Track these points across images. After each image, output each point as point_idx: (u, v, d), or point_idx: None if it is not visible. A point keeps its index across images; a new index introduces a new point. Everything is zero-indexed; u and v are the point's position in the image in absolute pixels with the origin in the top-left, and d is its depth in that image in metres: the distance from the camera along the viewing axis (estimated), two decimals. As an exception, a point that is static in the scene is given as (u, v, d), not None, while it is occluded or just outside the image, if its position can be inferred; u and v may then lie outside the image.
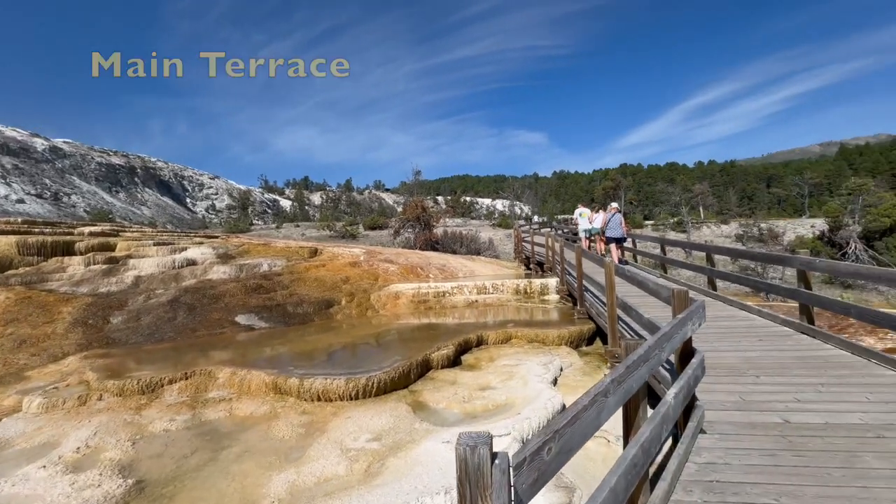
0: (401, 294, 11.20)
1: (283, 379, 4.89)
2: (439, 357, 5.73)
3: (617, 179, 35.72)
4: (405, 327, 8.64)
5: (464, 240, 24.09)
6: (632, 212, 40.56)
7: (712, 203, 40.11)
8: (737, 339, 4.93)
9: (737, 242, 25.72)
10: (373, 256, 16.63)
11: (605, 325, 5.88)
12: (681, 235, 26.92)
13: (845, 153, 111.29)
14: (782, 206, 68.67)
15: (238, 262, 13.56)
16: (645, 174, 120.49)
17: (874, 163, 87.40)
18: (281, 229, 40.29)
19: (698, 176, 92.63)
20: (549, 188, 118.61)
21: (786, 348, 4.55)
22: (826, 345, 4.52)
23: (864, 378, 3.71)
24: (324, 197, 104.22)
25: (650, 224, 33.50)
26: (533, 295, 11.18)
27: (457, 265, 16.67)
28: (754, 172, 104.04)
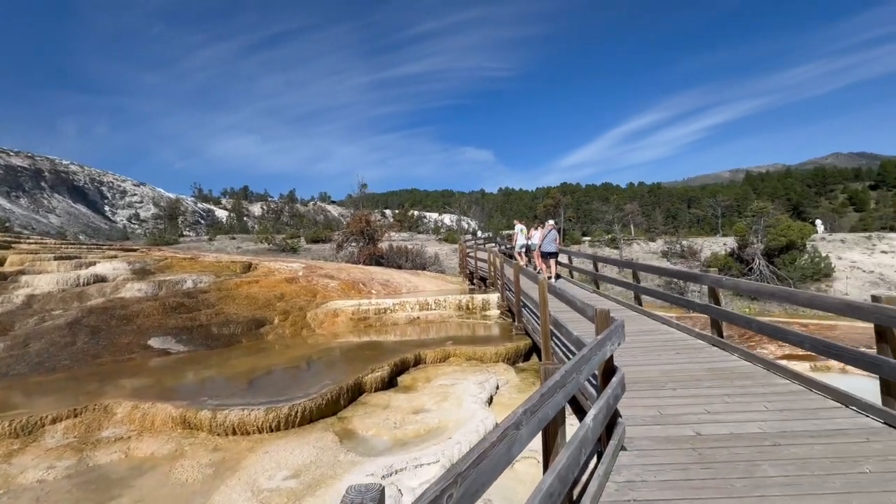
0: (340, 311, 10.74)
1: (193, 412, 4.37)
2: (373, 380, 5.47)
3: (557, 197, 37.53)
4: (342, 347, 8.24)
5: (409, 254, 23.88)
6: (571, 228, 42.74)
7: (641, 221, 43.43)
8: (658, 353, 5.20)
9: (663, 258, 27.92)
10: (312, 272, 15.93)
11: (541, 341, 5.97)
12: (614, 251, 28.72)
13: (750, 179, 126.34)
14: (700, 224, 76.01)
15: (157, 278, 12.32)
16: (583, 193, 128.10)
17: (773, 188, 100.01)
18: (214, 242, 37.55)
19: (630, 196, 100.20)
20: (495, 204, 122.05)
21: (699, 360, 4.86)
22: (732, 356, 4.89)
23: (764, 387, 4.02)
24: (265, 208, 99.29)
25: (588, 240, 35.46)
26: (475, 311, 11.23)
27: (401, 280, 16.42)
28: (677, 194, 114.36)
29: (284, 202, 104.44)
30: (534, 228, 14.27)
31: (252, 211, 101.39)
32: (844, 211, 79.38)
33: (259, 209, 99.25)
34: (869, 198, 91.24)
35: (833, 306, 3.60)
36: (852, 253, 24.36)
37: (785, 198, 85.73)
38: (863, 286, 20.44)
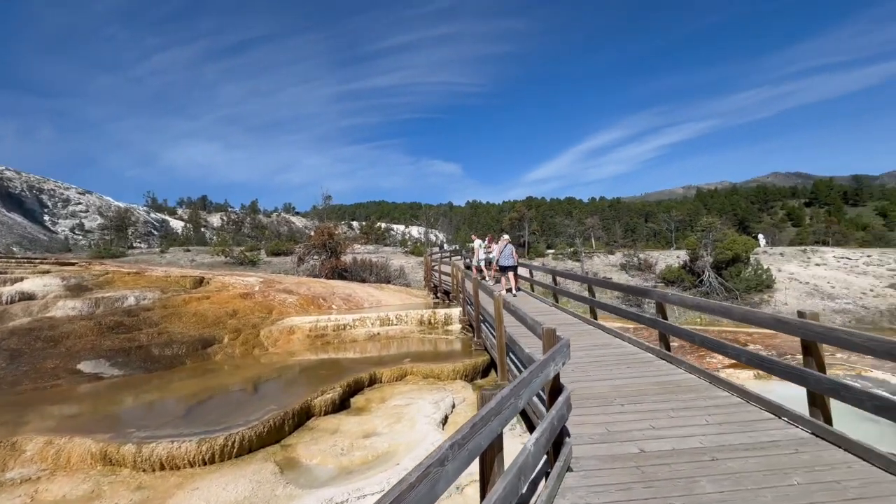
0: (296, 328, 10.31)
1: (115, 446, 3.97)
2: (323, 402, 5.22)
3: (522, 211, 38.32)
4: (296, 367, 7.87)
5: (374, 268, 23.51)
6: (536, 242, 43.65)
7: (602, 235, 45.06)
8: (610, 368, 5.28)
9: (621, 271, 28.97)
10: (270, 286, 15.31)
11: (497, 358, 5.93)
12: (576, 264, 29.52)
13: (701, 196, 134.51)
14: (657, 238, 79.91)
15: (95, 294, 11.41)
16: (548, 206, 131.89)
17: (721, 204, 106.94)
18: (166, 254, 35.51)
19: (591, 210, 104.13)
20: (463, 217, 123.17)
21: (648, 374, 4.96)
22: (679, 369, 5.03)
23: (705, 400, 4.14)
24: (224, 219, 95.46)
25: (552, 253, 36.30)
26: (437, 325, 11.10)
27: (363, 295, 16.08)
28: (635, 209, 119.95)
29: (246, 213, 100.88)
30: (491, 242, 14.55)
31: (211, 222, 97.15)
32: (783, 226, 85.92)
33: (218, 220, 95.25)
34: (804, 214, 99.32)
35: (764, 321, 3.77)
36: (790, 265, 26.23)
37: (732, 213, 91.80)
38: (800, 296, 21.99)
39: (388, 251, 41.09)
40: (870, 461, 2.93)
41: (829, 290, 22.35)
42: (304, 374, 7.07)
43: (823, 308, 20.76)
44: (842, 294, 21.90)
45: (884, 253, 28.54)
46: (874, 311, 19.91)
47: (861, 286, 22.54)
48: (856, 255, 27.84)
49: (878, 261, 26.21)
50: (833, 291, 22.23)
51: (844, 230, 57.64)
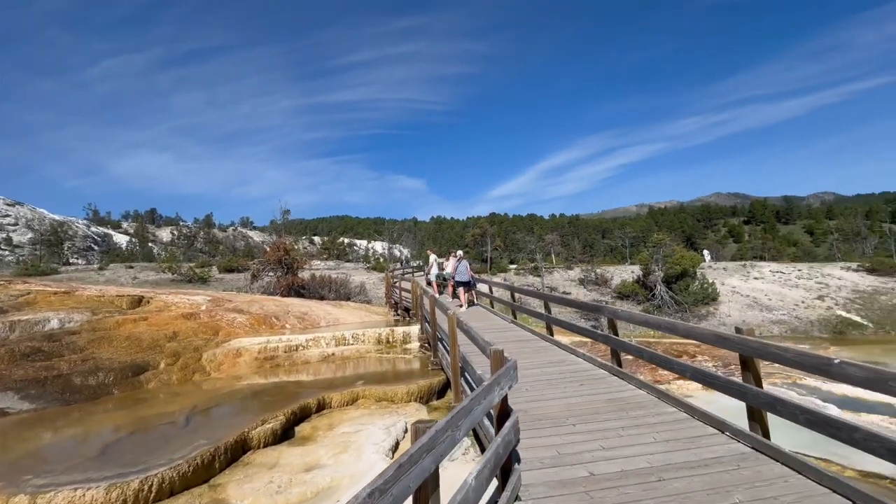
0: (243, 350, 9.67)
1: (2, 499, 3.41)
2: (262, 433, 4.81)
3: (484, 227, 38.83)
4: (239, 393, 7.31)
5: (333, 284, 22.81)
6: (499, 257, 44.21)
7: (561, 251, 46.40)
8: (563, 386, 5.24)
9: (580, 285, 29.82)
10: (219, 305, 14.42)
11: (452, 378, 5.77)
12: (537, 279, 30.08)
13: (652, 214, 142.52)
14: (613, 254, 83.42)
15: (10, 317, 10.23)
16: (510, 223, 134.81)
17: (671, 222, 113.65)
18: (105, 271, 32.91)
19: (551, 226, 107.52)
20: (427, 232, 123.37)
21: (600, 391, 4.96)
22: (629, 385, 5.07)
23: (654, 417, 4.16)
24: (175, 233, 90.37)
25: (514, 268, 36.85)
26: (395, 344, 10.80)
27: (320, 313, 15.47)
28: (593, 225, 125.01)
29: (199, 227, 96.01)
30: (446, 259, 14.68)
31: (160, 236, 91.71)
32: (726, 242, 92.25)
33: (168, 234, 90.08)
34: (743, 231, 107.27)
35: (705, 337, 3.85)
36: (732, 279, 28.03)
37: (680, 230, 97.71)
38: (741, 308, 23.46)
39: (349, 267, 40.18)
40: (804, 474, 2.99)
41: (766, 303, 23.99)
42: (248, 402, 6.56)
43: (762, 319, 22.23)
44: (778, 306, 23.56)
45: (811, 267, 31.17)
46: (806, 321, 21.52)
47: (794, 298, 24.38)
48: (788, 270, 30.21)
49: (807, 275, 28.55)
50: (770, 303, 23.88)
51: (778, 246, 62.64)
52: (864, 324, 20.74)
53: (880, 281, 26.98)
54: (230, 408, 6.25)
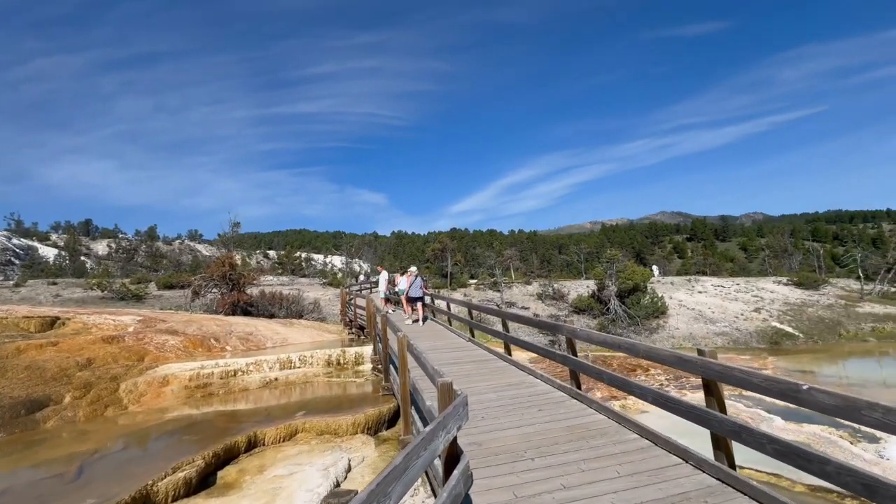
0: (171, 378, 8.60)
1: None
2: (172, 484, 4.05)
3: (444, 242, 38.66)
4: (158, 429, 6.36)
5: (284, 301, 21.53)
6: (459, 272, 44.12)
7: (520, 266, 47.08)
8: (521, 411, 4.89)
9: (538, 300, 30.17)
10: (149, 326, 13.03)
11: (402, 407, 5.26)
12: (496, 294, 30.12)
13: (605, 230, 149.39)
14: (569, 269, 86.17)
15: None
16: (471, 238, 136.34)
17: (622, 238, 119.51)
18: (21, 288, 29.42)
19: (511, 242, 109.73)
20: (388, 247, 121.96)
21: (559, 417, 4.65)
22: (589, 409, 4.81)
23: (615, 446, 3.88)
24: (113, 246, 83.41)
25: (474, 283, 36.80)
26: (347, 366, 10.08)
27: (267, 333, 14.38)
28: (550, 241, 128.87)
29: (141, 240, 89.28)
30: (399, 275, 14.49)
31: (95, 249, 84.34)
32: (671, 258, 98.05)
33: (105, 247, 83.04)
34: (687, 248, 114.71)
35: (666, 359, 3.65)
36: (679, 293, 29.44)
37: (630, 247, 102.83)
38: (688, 321, 24.56)
39: (304, 283, 38.45)
40: (774, 509, 2.78)
41: (710, 315, 25.28)
42: (164, 441, 5.67)
43: (707, 331, 23.35)
44: (720, 318, 24.89)
45: (748, 281, 33.46)
46: (745, 332, 22.81)
47: (734, 311, 25.89)
48: (728, 284, 32.22)
49: (744, 288, 30.56)
50: (713, 316, 25.18)
51: (717, 262, 67.20)
52: (795, 334, 22.27)
53: (807, 294, 29.35)
54: (141, 450, 5.34)
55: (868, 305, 26.28)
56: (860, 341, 20.94)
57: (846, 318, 24.16)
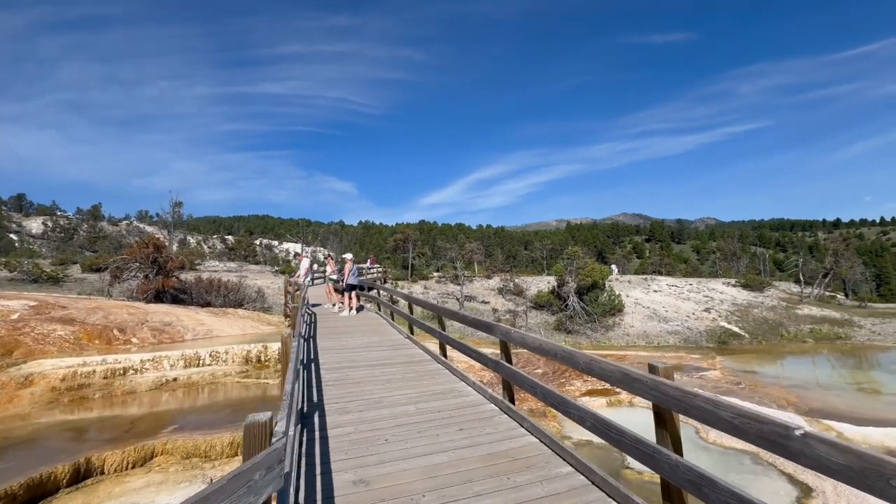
0: (37, 378, 7.06)
1: None
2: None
3: (406, 233, 37.43)
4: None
5: (223, 288, 19.72)
6: (424, 264, 43.06)
7: (484, 260, 46.67)
8: (437, 431, 3.94)
9: (498, 294, 29.70)
10: (42, 313, 11.18)
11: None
12: (457, 287, 29.38)
13: (570, 229, 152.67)
14: (534, 265, 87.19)
15: None
16: (439, 231, 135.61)
17: (585, 236, 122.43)
18: (-89, 266, 25.59)
19: (478, 236, 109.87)
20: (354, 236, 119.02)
21: (482, 440, 3.73)
22: (521, 429, 3.93)
23: (544, 485, 2.99)
24: (49, 224, 76.22)
25: (437, 276, 35.93)
26: (269, 364, 8.83)
27: (189, 324, 12.79)
28: (516, 237, 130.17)
29: (83, 218, 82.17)
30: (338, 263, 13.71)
31: (28, 227, 76.98)
32: (630, 257, 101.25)
33: (40, 225, 75.78)
34: (645, 248, 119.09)
35: (610, 374, 2.78)
36: (636, 291, 29.81)
37: (593, 245, 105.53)
38: (643, 319, 24.77)
39: (253, 270, 36.12)
40: None
41: (664, 314, 25.63)
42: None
43: (660, 330, 23.60)
44: (673, 317, 25.27)
45: (700, 282, 34.48)
46: (696, 331, 23.20)
47: (686, 310, 26.40)
48: (681, 284, 33.03)
49: (696, 289, 31.39)
50: (667, 315, 25.54)
51: (672, 262, 69.82)
52: (741, 334, 22.87)
53: (752, 296, 30.51)
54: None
55: (807, 308, 27.55)
56: (800, 342, 21.74)
57: (787, 320, 25.15)
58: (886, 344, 19.39)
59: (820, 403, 10.70)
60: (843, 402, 10.81)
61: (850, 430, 8.66)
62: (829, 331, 22.54)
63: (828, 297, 32.85)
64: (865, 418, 9.49)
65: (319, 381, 5.62)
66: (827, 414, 9.82)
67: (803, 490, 5.64)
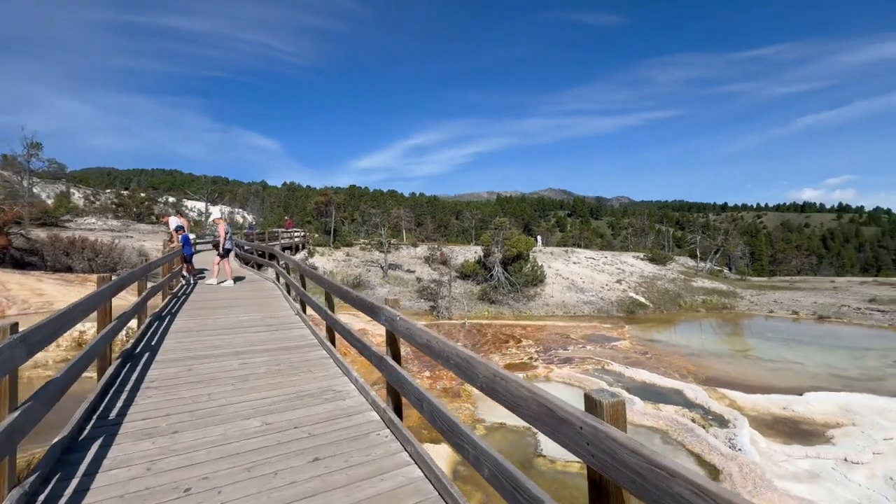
0: None
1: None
2: None
3: (329, 195, 34.62)
4: None
5: (87, 250, 16.22)
6: (351, 231, 40.55)
7: (414, 228, 45.36)
8: (280, 463, 2.68)
9: (425, 263, 28.81)
10: None
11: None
12: (381, 255, 27.89)
13: (500, 201, 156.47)
14: (464, 235, 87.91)
15: None
16: (371, 196, 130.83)
17: (514, 209, 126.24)
18: None
19: (411, 204, 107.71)
20: (278, 198, 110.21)
21: (341, 479, 2.55)
22: (402, 455, 2.82)
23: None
24: None
25: (363, 242, 33.96)
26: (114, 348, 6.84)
27: (22, 294, 9.99)
28: (449, 207, 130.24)
29: None
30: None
31: None
32: (554, 231, 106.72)
33: None
34: (567, 222, 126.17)
35: (523, 402, 1.70)
36: (557, 263, 30.77)
37: (521, 217, 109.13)
38: (562, 290, 25.57)
39: (144, 230, 31.13)
40: None
41: (581, 285, 26.69)
42: None
43: (577, 300, 24.53)
44: (589, 288, 26.42)
45: (613, 255, 36.71)
46: (608, 301, 24.45)
47: (601, 281, 27.78)
48: (598, 256, 34.87)
49: (610, 261, 33.30)
50: (584, 286, 26.64)
51: (590, 237, 74.63)
52: (647, 304, 24.57)
53: (657, 269, 33.14)
54: None
55: (700, 280, 30.54)
56: (694, 311, 23.90)
57: (685, 291, 27.61)
58: (762, 313, 21.93)
59: (714, 372, 11.31)
60: (733, 369, 11.55)
61: (742, 398, 9.07)
62: (717, 301, 25.07)
63: (716, 271, 36.91)
64: (753, 385, 10.10)
65: (141, 380, 4.04)
66: (722, 382, 10.33)
67: (711, 472, 5.47)
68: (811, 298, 23.96)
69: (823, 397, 9.09)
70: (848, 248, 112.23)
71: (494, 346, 13.49)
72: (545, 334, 16.13)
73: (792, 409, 8.46)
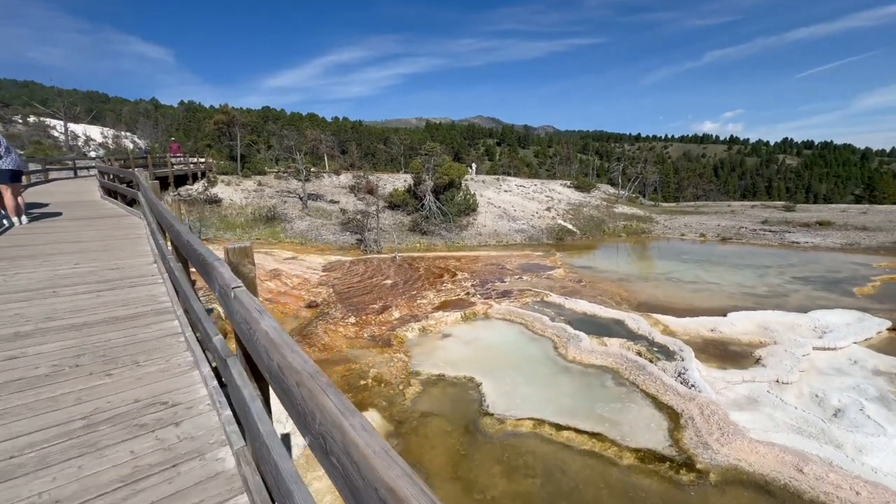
0: None
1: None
2: None
3: (231, 114, 29.18)
4: None
5: None
6: (266, 159, 35.37)
7: (338, 156, 41.13)
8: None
9: (349, 193, 26.26)
10: None
11: None
12: (298, 184, 24.69)
13: (429, 127, 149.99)
14: (393, 163, 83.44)
15: None
16: (287, 120, 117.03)
17: (444, 136, 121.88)
18: None
19: (334, 129, 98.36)
20: (175, 119, 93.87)
21: None
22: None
23: None
24: None
25: (277, 170, 29.92)
26: None
27: None
28: (375, 133, 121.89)
29: None
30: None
31: None
32: (483, 159, 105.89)
33: None
34: (497, 151, 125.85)
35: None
36: (489, 191, 29.97)
37: (450, 145, 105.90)
38: (494, 219, 25.03)
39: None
40: None
41: (513, 213, 26.34)
42: None
43: (509, 229, 24.21)
44: (521, 216, 26.19)
45: (543, 183, 36.84)
46: (539, 229, 24.48)
47: (532, 209, 27.69)
48: (528, 184, 34.69)
49: (540, 189, 33.32)
50: (515, 214, 26.33)
51: (518, 165, 75.05)
52: (574, 231, 25.08)
53: (583, 196, 33.97)
54: None
55: (621, 207, 31.94)
56: (616, 236, 24.94)
57: (608, 217, 28.68)
58: (675, 236, 23.43)
59: (645, 297, 11.40)
60: (660, 293, 11.75)
61: (674, 323, 9.05)
62: (637, 226, 26.37)
63: (634, 198, 39.05)
64: (680, 308, 10.25)
65: None
66: (653, 307, 10.36)
67: (671, 416, 5.03)
68: (715, 221, 26.14)
69: (743, 316, 9.36)
70: (733, 177, 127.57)
71: (428, 281, 12.40)
72: (480, 266, 15.40)
73: (720, 331, 8.56)
